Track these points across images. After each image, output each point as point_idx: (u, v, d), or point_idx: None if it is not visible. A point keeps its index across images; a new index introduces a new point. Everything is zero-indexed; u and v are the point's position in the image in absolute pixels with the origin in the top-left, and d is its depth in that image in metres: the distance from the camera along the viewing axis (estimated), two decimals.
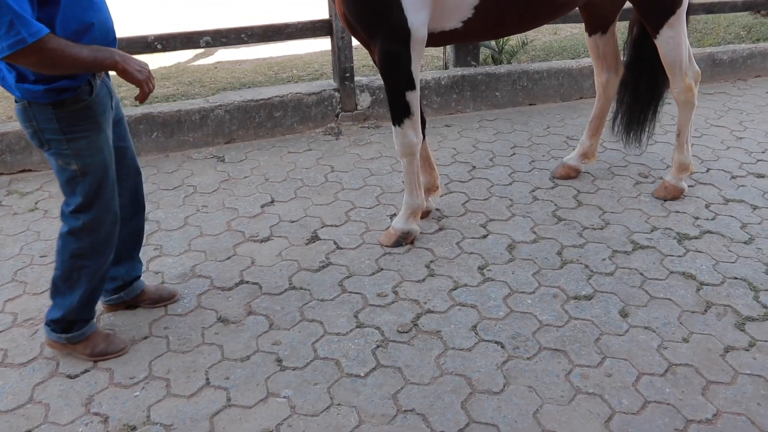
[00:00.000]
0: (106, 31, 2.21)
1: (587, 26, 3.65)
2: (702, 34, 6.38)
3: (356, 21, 2.76)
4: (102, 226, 2.36)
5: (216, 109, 4.42)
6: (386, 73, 2.87)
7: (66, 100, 2.15)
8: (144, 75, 2.18)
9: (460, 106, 4.97)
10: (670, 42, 3.26)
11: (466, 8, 2.79)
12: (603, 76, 3.71)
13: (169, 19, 8.83)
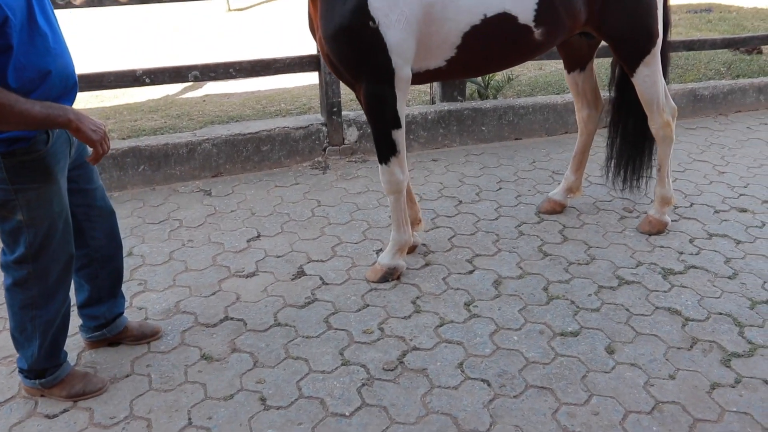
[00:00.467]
0: (66, 78, 2.13)
1: (566, 64, 3.72)
2: (683, 70, 6.51)
3: (340, 62, 2.77)
4: (51, 272, 2.27)
5: (203, 142, 4.42)
6: (372, 113, 2.88)
7: (17, 151, 2.05)
8: (99, 135, 2.10)
9: (447, 141, 5.01)
10: (647, 80, 3.33)
11: (449, 48, 2.83)
12: (584, 112, 3.76)
13: (160, 48, 8.90)
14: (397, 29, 2.64)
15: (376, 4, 2.59)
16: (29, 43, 1.97)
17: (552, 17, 2.95)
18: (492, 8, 2.80)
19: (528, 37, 2.95)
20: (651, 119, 3.47)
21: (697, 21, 9.48)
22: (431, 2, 2.68)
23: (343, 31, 2.64)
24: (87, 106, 6.03)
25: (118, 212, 3.93)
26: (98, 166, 4.12)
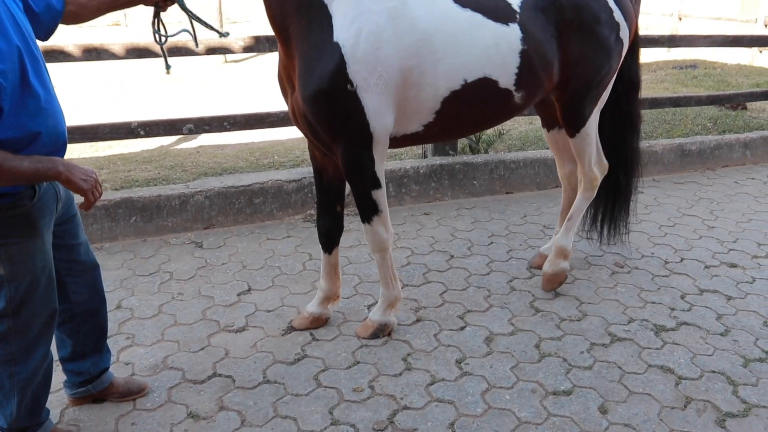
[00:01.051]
0: (56, 137, 2.11)
1: (544, 122, 3.76)
2: (671, 125, 6.64)
3: (318, 124, 2.71)
4: (32, 327, 2.22)
5: (196, 194, 4.44)
6: (351, 176, 2.84)
7: (2, 206, 2.04)
8: (89, 184, 2.09)
9: (439, 195, 5.05)
10: (585, 139, 3.39)
11: (428, 113, 2.81)
12: (566, 168, 3.80)
13: (157, 97, 9.02)
14: (376, 93, 2.61)
15: (355, 67, 2.56)
16: (20, 105, 1.96)
17: (532, 80, 2.97)
18: (473, 73, 2.79)
19: (508, 100, 2.96)
20: (581, 171, 3.53)
21: (683, 77, 9.73)
22: (410, 66, 2.66)
23: (321, 94, 2.59)
24: (81, 156, 6.08)
25: (109, 263, 3.97)
26: (89, 216, 4.20)
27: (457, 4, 2.78)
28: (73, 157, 5.96)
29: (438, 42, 2.69)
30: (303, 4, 2.59)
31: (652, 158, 5.76)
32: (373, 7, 2.59)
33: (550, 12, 3.00)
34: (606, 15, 3.14)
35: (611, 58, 3.21)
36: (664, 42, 5.83)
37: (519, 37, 2.86)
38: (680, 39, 5.98)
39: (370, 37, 2.57)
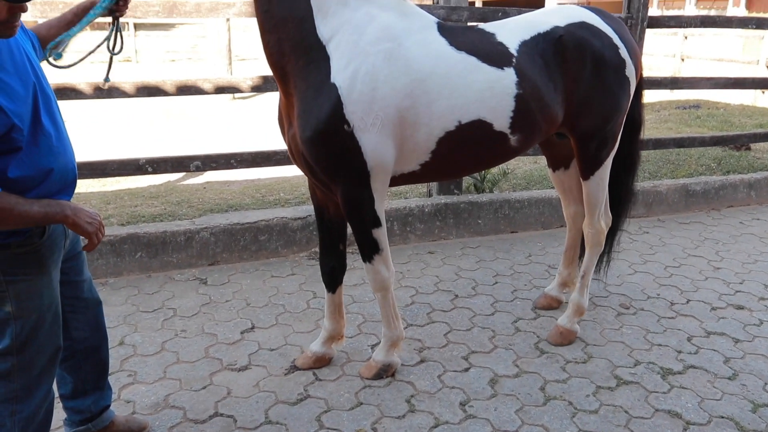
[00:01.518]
0: (66, 174, 2.16)
1: (549, 162, 3.76)
2: (675, 165, 6.66)
3: (317, 164, 2.73)
4: (36, 365, 2.20)
5: (202, 231, 4.46)
6: (351, 215, 2.84)
7: (12, 244, 2.06)
8: (94, 227, 2.12)
9: (444, 233, 5.06)
10: (599, 184, 3.37)
11: (424, 152, 2.82)
12: (571, 209, 3.79)
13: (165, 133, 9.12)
14: (373, 133, 2.63)
15: (352, 108, 2.59)
16: (33, 144, 2.00)
17: (528, 123, 2.96)
18: (467, 115, 2.80)
19: (503, 143, 2.95)
20: (589, 223, 3.49)
21: (687, 117, 9.80)
22: (406, 107, 2.68)
23: (319, 135, 2.62)
24: (89, 190, 6.12)
25: (113, 299, 3.97)
26: (95, 252, 4.21)
27: (452, 46, 2.80)
28: (80, 192, 6.00)
29: (432, 83, 2.72)
30: (301, 45, 2.62)
31: (657, 198, 5.78)
32: (370, 48, 2.63)
33: (552, 52, 3.00)
34: (611, 53, 3.13)
35: (618, 97, 3.19)
36: (667, 84, 5.89)
37: (514, 81, 2.87)
38: (683, 81, 6.04)
39: (366, 78, 2.60)
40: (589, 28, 3.11)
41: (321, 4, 2.61)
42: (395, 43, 2.67)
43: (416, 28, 2.77)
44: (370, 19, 2.66)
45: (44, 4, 4.03)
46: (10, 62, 1.97)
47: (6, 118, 1.88)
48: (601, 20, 3.19)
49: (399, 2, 2.80)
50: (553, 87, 3.01)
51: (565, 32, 3.04)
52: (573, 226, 3.81)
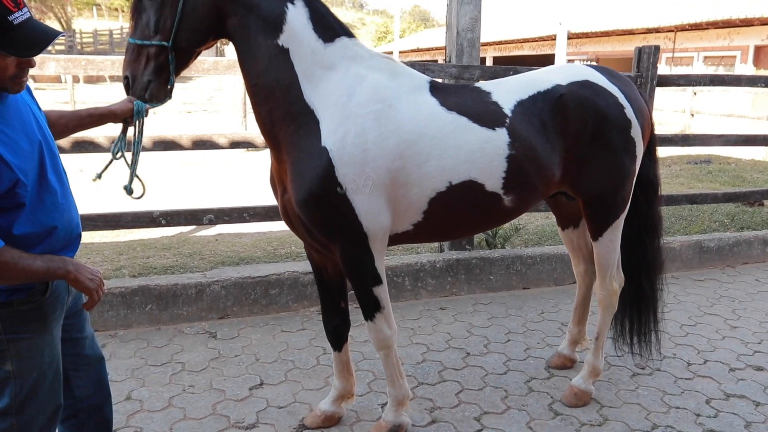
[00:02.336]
0: (71, 231, 2.17)
1: (558, 221, 3.71)
2: (688, 221, 6.63)
3: (314, 227, 2.73)
4: (35, 424, 2.16)
5: (213, 284, 4.46)
6: (351, 274, 2.82)
7: (15, 301, 2.05)
8: (95, 284, 2.10)
9: (455, 289, 5.02)
10: (609, 246, 3.31)
11: (416, 213, 2.80)
12: (581, 267, 3.74)
13: (180, 184, 9.24)
14: (365, 194, 2.62)
15: (343, 170, 2.58)
16: (38, 201, 2.02)
17: (523, 184, 2.90)
18: (457, 176, 2.76)
19: (497, 204, 2.90)
20: (601, 285, 3.43)
21: (698, 172, 9.81)
22: (397, 168, 2.66)
23: (312, 198, 2.62)
24: (102, 240, 6.17)
25: (121, 352, 3.95)
26: (106, 303, 4.22)
27: (443, 107, 2.78)
28: (93, 242, 6.05)
29: (423, 144, 2.70)
30: (290, 111, 2.64)
31: (670, 255, 5.73)
32: (359, 110, 2.63)
33: (551, 111, 2.95)
34: (616, 112, 3.05)
35: (623, 158, 3.13)
36: (678, 141, 5.92)
37: (506, 141, 2.82)
38: (694, 138, 6.08)
39: (356, 140, 2.60)
40: (592, 87, 3.05)
41: (306, 69, 2.62)
42: (385, 104, 2.67)
43: (407, 88, 2.77)
44: (359, 80, 2.67)
45: (67, 61, 4.16)
46: (17, 119, 2.00)
47: (11, 173, 1.90)
48: (606, 79, 3.13)
49: (389, 62, 2.81)
50: (551, 147, 2.96)
51: (567, 91, 3.00)
52: (583, 284, 3.77)
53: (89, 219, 4.30)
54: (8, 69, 1.88)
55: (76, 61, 4.06)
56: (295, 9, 2.61)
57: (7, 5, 1.81)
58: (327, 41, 2.66)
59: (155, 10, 2.48)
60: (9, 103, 2.00)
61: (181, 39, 2.50)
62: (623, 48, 23.34)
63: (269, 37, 2.59)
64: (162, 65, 2.49)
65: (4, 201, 1.92)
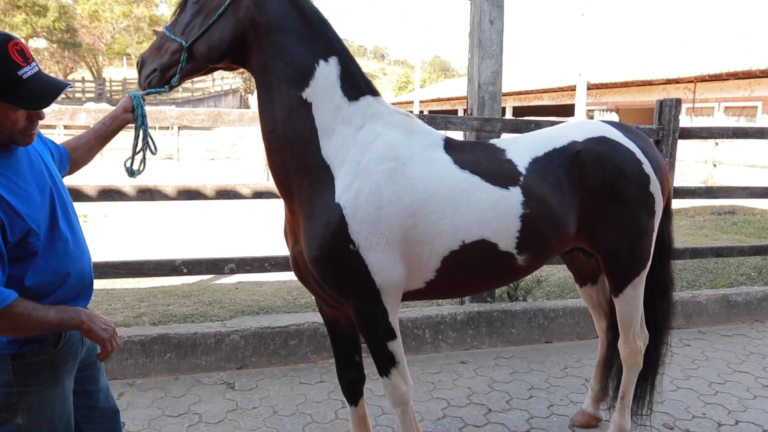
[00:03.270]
0: (83, 278, 2.18)
1: (576, 278, 3.64)
2: (713, 274, 6.51)
3: (326, 283, 2.70)
4: None
5: (232, 333, 4.44)
6: (364, 329, 2.77)
7: (27, 353, 2.05)
8: (108, 334, 2.09)
9: (476, 342, 4.95)
10: (631, 303, 3.23)
11: (429, 271, 2.75)
12: (602, 323, 3.66)
13: (202, 232, 9.34)
14: (378, 251, 2.59)
15: (356, 227, 2.56)
16: (50, 249, 2.03)
17: (537, 243, 2.85)
18: (470, 235, 2.72)
19: (510, 263, 2.85)
20: (624, 343, 3.34)
21: (723, 223, 9.67)
22: (411, 225, 2.63)
23: (325, 254, 2.59)
24: (124, 286, 6.21)
25: (139, 401, 3.92)
26: (125, 351, 4.21)
27: (456, 165, 2.76)
28: (115, 288, 6.09)
29: (436, 203, 2.68)
30: (305, 165, 2.65)
31: (696, 309, 5.61)
32: (374, 167, 2.62)
33: (566, 168, 2.92)
34: (633, 168, 3.00)
35: (641, 215, 3.07)
36: (702, 193, 5.86)
37: (520, 201, 2.79)
38: (718, 190, 6.01)
39: (371, 197, 2.58)
40: (609, 143, 3.02)
41: (326, 124, 2.64)
42: (399, 162, 2.66)
43: (421, 146, 2.76)
44: (374, 137, 2.68)
45: (97, 112, 4.27)
46: (29, 170, 2.05)
47: (22, 223, 1.93)
48: (622, 135, 3.09)
49: (405, 120, 2.82)
50: (567, 204, 2.91)
51: (583, 147, 2.96)
52: (605, 340, 3.67)
53: (112, 266, 4.34)
54: (18, 122, 1.94)
55: (105, 112, 4.16)
56: (327, 66, 2.64)
57: (16, 61, 1.88)
58: (352, 99, 2.69)
59: (191, 13, 2.61)
60: (20, 154, 2.05)
61: (198, 48, 2.58)
62: (643, 98, 23.46)
63: (293, 87, 2.62)
64: (173, 62, 2.59)
65: (17, 251, 1.94)
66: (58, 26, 42.54)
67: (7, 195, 1.92)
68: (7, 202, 1.91)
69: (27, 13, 40.97)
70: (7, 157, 2.00)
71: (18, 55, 1.88)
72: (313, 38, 2.65)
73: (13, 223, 1.91)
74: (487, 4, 4.82)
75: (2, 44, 1.86)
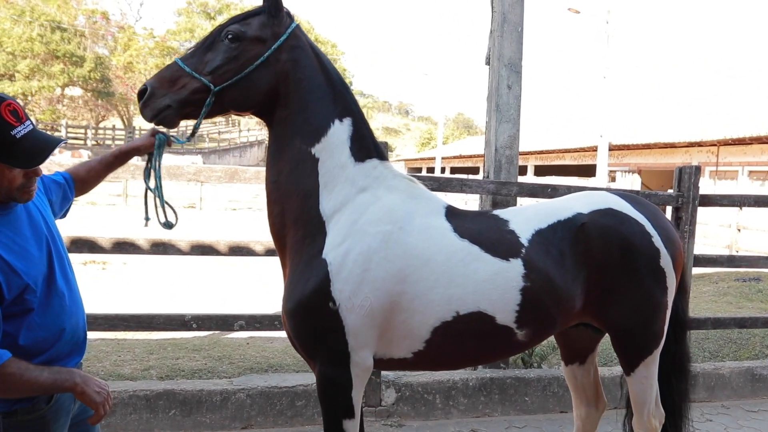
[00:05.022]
0: (77, 334, 2.18)
1: (563, 355, 3.46)
2: (737, 345, 6.30)
3: (296, 338, 2.62)
4: None
5: (239, 392, 4.36)
6: (323, 398, 2.64)
7: (19, 411, 2.03)
8: (101, 397, 2.06)
9: (488, 410, 4.80)
10: (644, 382, 3.07)
11: (417, 341, 2.65)
12: (581, 409, 3.45)
13: (214, 283, 9.35)
14: (359, 314, 2.51)
15: (339, 285, 2.50)
16: (46, 305, 2.05)
17: (538, 316, 2.74)
18: (465, 306, 2.62)
19: (507, 338, 2.73)
20: (638, 423, 3.15)
21: (747, 290, 9.44)
22: (400, 291, 2.56)
23: (302, 308, 2.52)
24: (135, 337, 6.18)
25: None
26: (129, 405, 4.15)
27: (455, 233, 2.70)
28: (126, 338, 6.07)
29: (430, 270, 2.60)
30: (301, 218, 2.62)
31: (719, 382, 5.41)
32: (368, 229, 2.58)
33: (571, 241, 2.83)
34: (642, 241, 2.89)
35: (651, 289, 2.94)
36: (724, 262, 5.73)
37: (520, 273, 2.69)
38: (740, 259, 5.87)
39: (359, 258, 2.53)
40: (616, 215, 2.92)
41: (329, 180, 2.63)
42: (396, 226, 2.61)
43: (422, 212, 2.71)
44: (374, 199, 2.65)
45: (136, 168, 4.34)
46: (27, 226, 2.07)
47: (19, 280, 1.95)
48: (630, 206, 2.99)
49: (408, 185, 2.79)
50: (571, 278, 2.81)
51: (589, 219, 2.87)
52: (582, 428, 3.47)
53: (122, 319, 4.33)
54: (15, 180, 1.97)
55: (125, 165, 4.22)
56: (340, 126, 2.67)
57: (9, 121, 1.92)
58: (358, 160, 2.69)
59: (225, 57, 2.53)
60: (20, 210, 2.08)
61: (230, 94, 2.55)
62: (666, 160, 23.40)
63: (305, 142, 2.63)
64: (194, 102, 2.51)
65: (13, 307, 1.95)
66: (93, 76, 44.08)
67: (5, 253, 1.95)
68: (4, 260, 1.93)
69: (65, 63, 42.56)
70: (6, 214, 2.03)
71: (11, 116, 1.92)
72: (333, 98, 2.69)
73: (10, 280, 1.93)
74: (505, 70, 4.88)
75: None
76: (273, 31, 2.58)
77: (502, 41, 4.88)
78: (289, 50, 2.61)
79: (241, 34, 2.54)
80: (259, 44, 2.56)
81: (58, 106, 47.34)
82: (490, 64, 5.03)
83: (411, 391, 4.62)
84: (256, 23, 2.58)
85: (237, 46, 2.53)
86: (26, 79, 39.94)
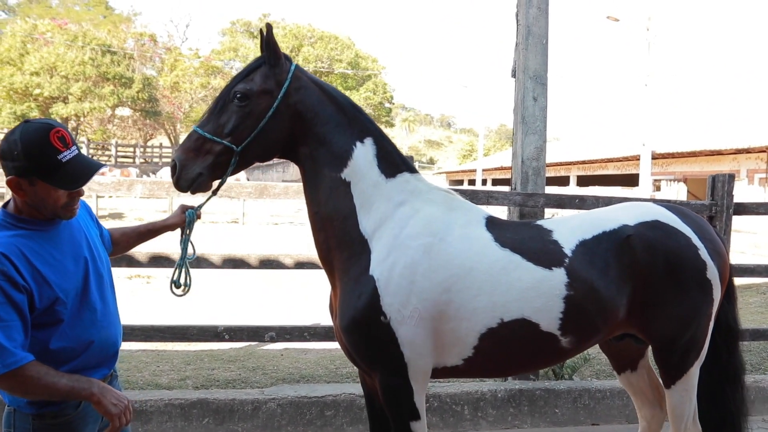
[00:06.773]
0: (107, 348, 2.28)
1: (613, 365, 3.48)
2: (761, 358, 6.10)
3: (356, 353, 2.73)
4: None
5: (269, 401, 4.46)
6: (388, 405, 2.75)
7: (47, 414, 2.13)
8: (118, 409, 2.09)
9: (517, 422, 4.77)
10: (684, 395, 3.05)
11: (466, 347, 2.73)
12: (645, 410, 3.46)
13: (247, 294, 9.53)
14: (410, 325, 2.61)
15: (389, 299, 2.60)
16: (77, 317, 2.18)
17: (583, 325, 2.80)
18: (510, 313, 2.70)
19: (552, 345, 2.79)
20: None
21: None
22: (446, 301, 2.64)
23: (356, 324, 2.63)
24: (174, 348, 6.36)
25: None
26: (164, 413, 4.29)
27: (496, 242, 2.78)
28: (165, 349, 6.25)
29: (473, 279, 2.68)
30: (344, 240, 2.73)
31: (760, 395, 5.25)
32: (410, 242, 2.67)
33: (616, 252, 2.85)
34: (688, 254, 2.90)
35: (698, 302, 2.93)
36: (762, 272, 5.57)
37: (564, 282, 2.75)
38: None
39: (405, 271, 2.62)
40: (662, 228, 2.94)
41: (364, 200, 2.73)
42: (436, 237, 2.70)
43: (461, 222, 2.79)
44: (413, 213, 2.74)
45: (153, 184, 4.53)
46: (68, 242, 2.22)
47: (51, 292, 2.09)
48: (678, 218, 3.01)
49: (446, 197, 2.87)
50: (616, 289, 2.83)
51: (635, 232, 2.89)
52: (648, 428, 3.46)
53: (158, 330, 4.50)
54: (60, 199, 2.14)
55: (160, 184, 4.41)
56: (363, 147, 2.78)
57: (57, 146, 2.09)
58: (389, 177, 2.79)
59: (239, 116, 2.65)
60: (62, 227, 2.23)
61: (251, 150, 2.67)
62: (712, 168, 22.78)
63: (333, 170, 2.75)
64: (221, 164, 2.64)
65: (44, 317, 2.09)
66: (141, 96, 45.47)
67: (42, 266, 2.09)
68: (40, 272, 2.08)
69: (115, 85, 44.01)
70: (48, 230, 2.18)
71: (59, 142, 2.09)
72: (348, 123, 2.79)
73: (42, 291, 2.07)
74: (531, 82, 4.90)
75: (45, 132, 2.08)
76: (276, 80, 2.70)
77: (527, 54, 4.91)
78: (295, 92, 2.72)
79: (248, 91, 2.66)
80: (267, 96, 2.68)
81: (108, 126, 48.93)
82: (516, 77, 5.05)
83: (439, 402, 4.64)
84: (259, 78, 2.69)
85: (247, 103, 2.65)
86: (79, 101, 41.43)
